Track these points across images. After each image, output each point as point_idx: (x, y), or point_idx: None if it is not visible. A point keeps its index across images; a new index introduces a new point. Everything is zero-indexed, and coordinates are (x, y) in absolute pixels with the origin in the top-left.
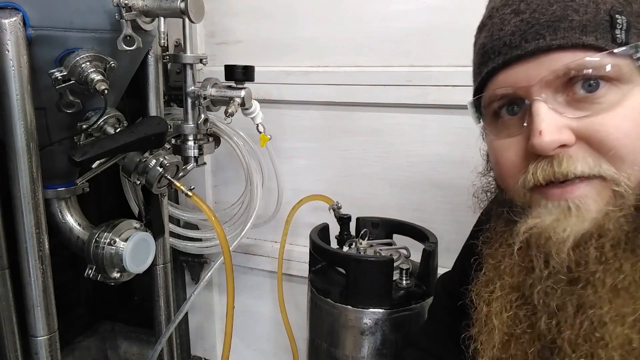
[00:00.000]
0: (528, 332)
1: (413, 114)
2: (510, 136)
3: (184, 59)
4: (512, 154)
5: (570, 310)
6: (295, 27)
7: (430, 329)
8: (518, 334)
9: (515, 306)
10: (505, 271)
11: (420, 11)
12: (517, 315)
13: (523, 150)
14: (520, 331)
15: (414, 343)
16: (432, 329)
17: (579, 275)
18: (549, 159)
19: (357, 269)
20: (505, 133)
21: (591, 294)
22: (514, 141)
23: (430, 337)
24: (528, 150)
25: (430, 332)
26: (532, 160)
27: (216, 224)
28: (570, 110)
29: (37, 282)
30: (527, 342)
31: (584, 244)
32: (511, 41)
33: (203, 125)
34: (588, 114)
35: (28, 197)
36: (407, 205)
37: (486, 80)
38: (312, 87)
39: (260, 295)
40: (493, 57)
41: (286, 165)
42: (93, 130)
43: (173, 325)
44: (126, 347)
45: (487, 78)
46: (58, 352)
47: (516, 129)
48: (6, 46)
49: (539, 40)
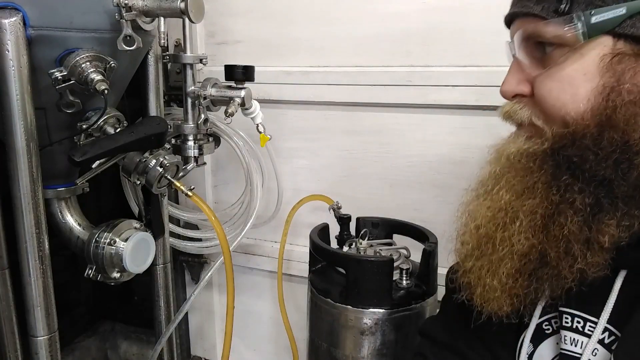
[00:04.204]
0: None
1: (413, 114)
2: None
3: (184, 59)
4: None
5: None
6: (296, 27)
7: (442, 319)
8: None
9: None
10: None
11: (420, 11)
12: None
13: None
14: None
15: (426, 334)
16: (444, 318)
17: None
18: (510, 102)
19: (357, 269)
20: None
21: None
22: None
23: (442, 327)
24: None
25: (442, 322)
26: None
27: (216, 224)
28: (534, 67)
29: (37, 282)
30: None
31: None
32: (511, 2)
33: (203, 125)
34: (542, 72)
35: (28, 197)
36: (407, 205)
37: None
38: (312, 87)
39: (260, 295)
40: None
41: (286, 165)
42: (93, 130)
43: (173, 325)
44: (126, 347)
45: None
46: (58, 352)
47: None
48: (6, 46)
49: (514, 6)
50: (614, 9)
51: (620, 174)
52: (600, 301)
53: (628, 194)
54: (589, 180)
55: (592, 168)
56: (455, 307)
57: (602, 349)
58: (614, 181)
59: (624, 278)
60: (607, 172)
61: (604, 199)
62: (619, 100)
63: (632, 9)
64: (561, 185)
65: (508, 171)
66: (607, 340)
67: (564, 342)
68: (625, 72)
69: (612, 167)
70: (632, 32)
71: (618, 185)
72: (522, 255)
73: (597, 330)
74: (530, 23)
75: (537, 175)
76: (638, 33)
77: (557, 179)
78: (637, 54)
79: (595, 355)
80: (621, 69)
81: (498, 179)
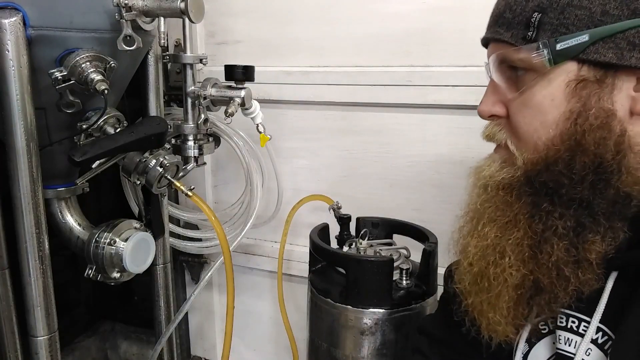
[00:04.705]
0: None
1: (413, 114)
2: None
3: (184, 59)
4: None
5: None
6: (296, 27)
7: (440, 317)
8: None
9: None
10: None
11: (420, 11)
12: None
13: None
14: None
15: (424, 331)
16: (442, 316)
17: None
18: (490, 125)
19: (357, 269)
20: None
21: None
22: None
23: (441, 324)
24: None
25: (440, 319)
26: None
27: (216, 224)
28: (509, 89)
29: (37, 282)
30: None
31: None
32: (487, 26)
33: (203, 125)
34: (516, 95)
35: (28, 197)
36: (407, 205)
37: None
38: (312, 87)
39: (260, 295)
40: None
41: (286, 165)
42: (93, 130)
43: (173, 325)
44: (126, 347)
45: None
46: (58, 352)
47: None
48: (6, 46)
49: (487, 31)
50: (577, 36)
51: (598, 194)
52: (594, 302)
53: (608, 210)
54: (568, 204)
55: (568, 192)
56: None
57: (595, 349)
58: (593, 201)
59: (614, 279)
60: (584, 194)
61: (585, 218)
62: (586, 125)
63: (595, 35)
64: (542, 214)
65: (488, 205)
66: (600, 340)
67: (559, 342)
68: (590, 97)
69: (589, 188)
70: (595, 58)
71: (598, 204)
72: (517, 287)
73: (590, 331)
74: (502, 48)
75: (517, 207)
76: (600, 59)
77: (537, 207)
78: (600, 79)
79: (588, 355)
80: (586, 94)
81: (481, 214)
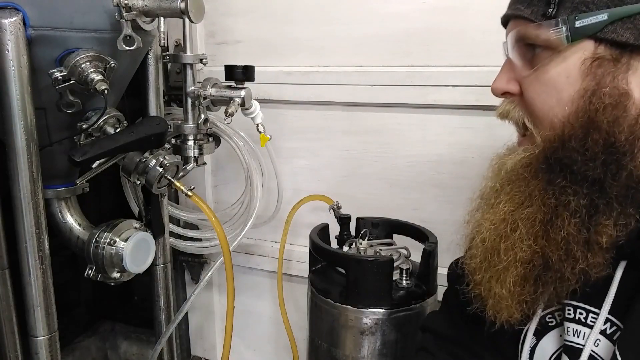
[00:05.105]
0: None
1: (413, 114)
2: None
3: (184, 59)
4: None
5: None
6: (296, 27)
7: (445, 313)
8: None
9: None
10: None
11: (420, 11)
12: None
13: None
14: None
15: (429, 329)
16: (446, 312)
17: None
18: (504, 102)
19: (357, 269)
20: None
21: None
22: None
23: (446, 322)
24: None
25: (444, 315)
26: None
27: (216, 224)
28: (524, 68)
29: (37, 282)
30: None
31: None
32: (508, 4)
33: (203, 125)
34: (530, 72)
35: (28, 197)
36: (407, 205)
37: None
38: (312, 87)
39: (260, 295)
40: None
41: (286, 165)
42: (93, 130)
43: (173, 325)
44: (126, 347)
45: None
46: (58, 352)
47: None
48: (6, 46)
49: (508, 8)
50: (597, 15)
51: (609, 175)
52: (601, 292)
53: (621, 194)
54: (580, 181)
55: (580, 169)
56: (458, 301)
57: (604, 340)
58: (605, 182)
59: (623, 269)
60: (595, 173)
61: (599, 199)
62: (599, 103)
63: (614, 15)
64: (556, 189)
65: (507, 184)
66: (609, 330)
67: (567, 334)
68: (605, 76)
69: (601, 167)
70: (612, 37)
71: (610, 186)
72: (526, 262)
73: (599, 321)
74: (521, 25)
75: (533, 183)
76: (618, 38)
77: (551, 184)
78: (616, 59)
79: (597, 345)
80: (601, 72)
81: (498, 193)
